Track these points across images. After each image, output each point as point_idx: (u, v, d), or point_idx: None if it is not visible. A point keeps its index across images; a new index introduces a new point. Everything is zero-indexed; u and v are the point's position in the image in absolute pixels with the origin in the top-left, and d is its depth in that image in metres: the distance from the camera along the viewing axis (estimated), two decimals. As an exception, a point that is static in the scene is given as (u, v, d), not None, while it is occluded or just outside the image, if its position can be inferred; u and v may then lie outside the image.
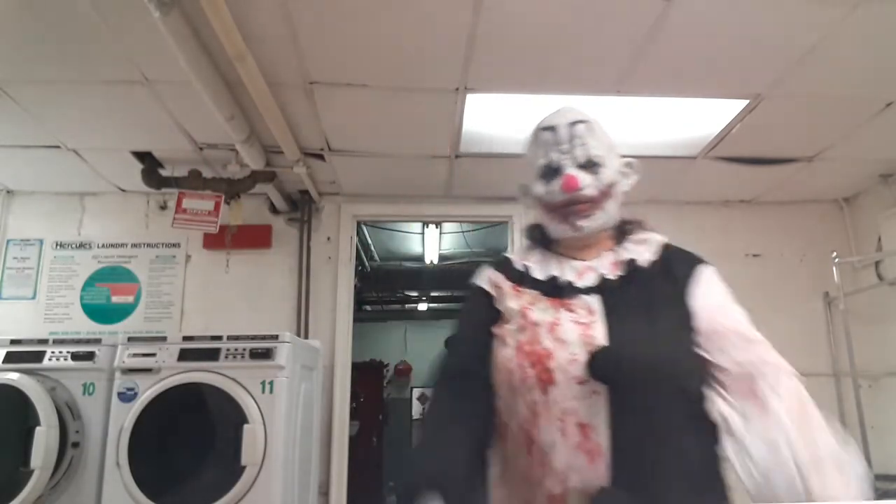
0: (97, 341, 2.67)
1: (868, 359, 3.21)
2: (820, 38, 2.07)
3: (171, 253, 3.37)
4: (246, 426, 2.41)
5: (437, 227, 4.57)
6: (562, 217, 1.15)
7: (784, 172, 3.18)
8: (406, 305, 7.41)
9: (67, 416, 2.49)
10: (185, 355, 2.52)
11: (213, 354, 2.51)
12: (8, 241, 3.35)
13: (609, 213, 1.16)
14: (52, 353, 2.60)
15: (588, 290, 1.08)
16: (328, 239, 3.47)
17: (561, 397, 0.98)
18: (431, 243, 5.04)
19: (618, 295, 1.07)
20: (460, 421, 1.04)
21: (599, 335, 1.01)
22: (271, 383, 2.49)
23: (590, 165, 1.14)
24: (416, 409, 7.91)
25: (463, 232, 4.85)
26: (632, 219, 1.22)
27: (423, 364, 7.95)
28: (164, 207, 3.40)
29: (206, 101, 2.18)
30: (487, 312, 1.15)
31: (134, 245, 3.37)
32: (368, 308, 7.02)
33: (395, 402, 7.56)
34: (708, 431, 0.98)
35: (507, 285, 1.16)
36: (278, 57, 2.15)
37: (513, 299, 1.12)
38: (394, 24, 1.98)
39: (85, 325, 3.24)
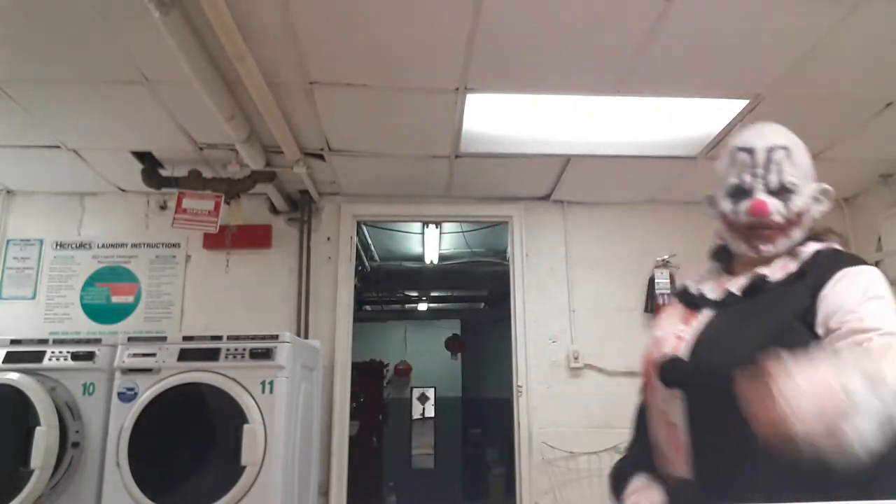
0: (97, 341, 2.67)
1: (868, 359, 3.20)
2: (820, 38, 2.07)
3: (171, 253, 3.37)
4: (246, 426, 2.41)
5: (437, 227, 4.56)
6: (745, 237, 1.17)
7: (784, 172, 3.17)
8: (406, 305, 7.42)
9: (67, 416, 2.49)
10: (185, 355, 2.52)
11: (213, 354, 2.51)
12: (8, 241, 3.35)
13: (793, 239, 1.16)
14: (52, 353, 2.60)
15: (713, 304, 1.16)
16: (328, 239, 3.47)
17: (656, 399, 1.14)
18: (431, 243, 5.04)
19: (731, 309, 1.12)
20: None
21: (684, 347, 1.11)
22: (271, 383, 2.49)
23: (782, 192, 1.14)
24: (416, 409, 7.91)
25: (463, 232, 4.85)
26: (816, 232, 1.20)
27: (423, 364, 7.97)
28: (164, 207, 3.40)
29: (206, 101, 2.18)
30: None
31: (134, 245, 3.37)
32: (368, 308, 7.02)
33: (395, 402, 7.56)
34: None
35: (673, 303, 1.28)
36: (278, 57, 2.15)
37: (666, 314, 1.26)
38: (394, 24, 1.98)
39: (85, 325, 3.24)
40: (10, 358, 2.58)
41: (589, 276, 3.47)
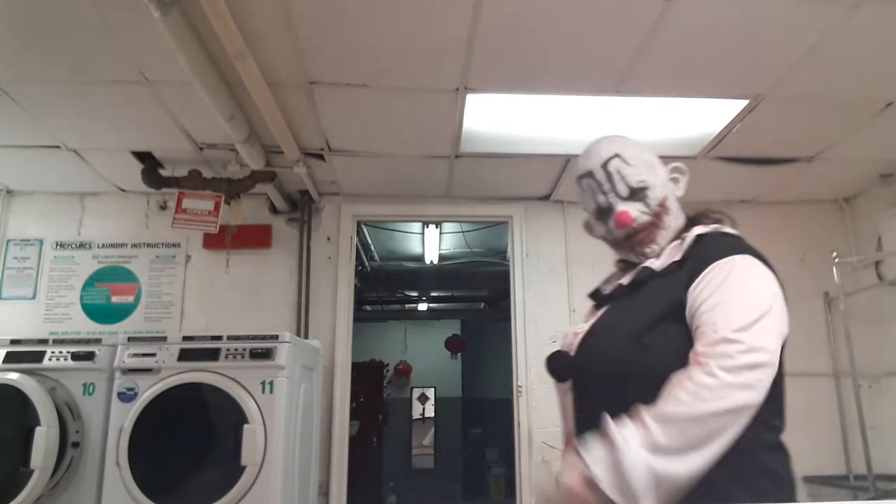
0: (97, 341, 2.67)
1: (868, 359, 3.21)
2: (820, 38, 2.07)
3: (171, 253, 3.37)
4: (246, 426, 2.40)
5: (437, 227, 4.57)
6: (629, 249, 1.22)
7: (784, 172, 3.18)
8: (406, 305, 7.41)
9: (67, 416, 2.49)
10: (185, 355, 2.52)
11: (213, 354, 2.51)
12: (8, 241, 3.35)
13: (671, 227, 1.20)
14: (52, 353, 2.60)
15: (609, 298, 1.23)
16: (328, 239, 3.47)
17: (559, 391, 1.22)
18: (431, 243, 5.04)
19: (619, 302, 1.19)
20: None
21: (578, 341, 1.19)
22: (271, 383, 2.49)
23: (635, 193, 1.18)
24: (416, 408, 7.91)
25: (463, 232, 4.85)
26: (697, 214, 1.23)
27: (423, 364, 7.97)
28: (164, 207, 3.40)
29: (206, 101, 2.18)
30: None
31: (134, 245, 3.37)
32: (368, 308, 7.02)
33: (395, 402, 7.57)
34: None
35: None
36: (278, 57, 2.15)
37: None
38: (394, 24, 1.98)
39: (85, 325, 3.24)
40: (10, 358, 2.58)
41: (589, 276, 3.44)
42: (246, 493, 2.37)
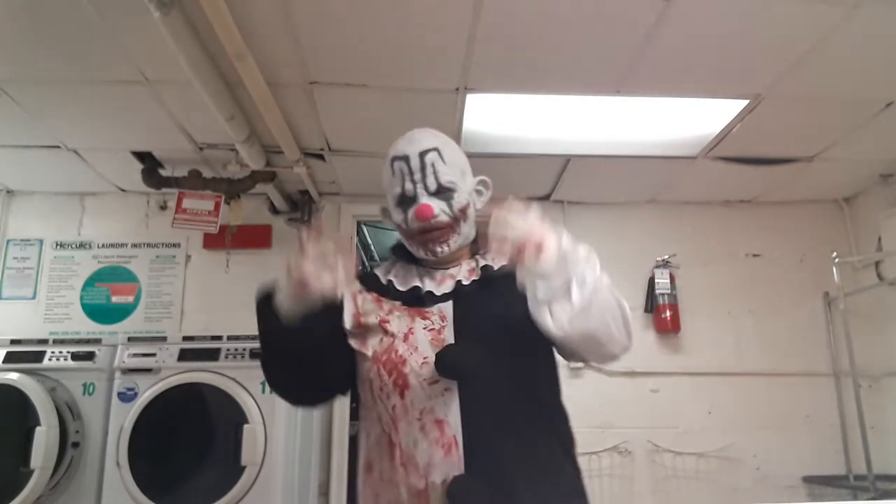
0: (97, 341, 2.67)
1: (868, 359, 3.20)
2: (820, 38, 2.07)
3: (171, 253, 3.37)
4: (246, 426, 2.41)
5: (436, 227, 4.56)
6: (420, 242, 1.19)
7: (784, 172, 3.18)
8: (406, 305, 7.38)
9: (67, 416, 2.49)
10: (185, 355, 2.53)
11: (213, 354, 2.51)
12: (8, 241, 3.35)
13: (464, 235, 1.22)
14: (52, 353, 2.60)
15: (445, 297, 1.15)
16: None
17: (418, 398, 1.06)
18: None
19: (471, 298, 1.14)
20: None
21: (449, 337, 1.10)
22: (271, 383, 2.48)
23: (442, 192, 1.19)
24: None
25: (463, 232, 4.84)
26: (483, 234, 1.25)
27: (423, 364, 7.96)
28: (164, 207, 3.40)
29: (206, 101, 2.18)
30: (339, 316, 1.19)
31: (134, 245, 3.37)
32: (368, 308, 6.98)
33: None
34: (550, 415, 1.14)
35: (368, 297, 1.20)
36: (278, 57, 2.15)
37: (372, 312, 1.17)
38: (394, 24, 1.98)
39: (85, 325, 3.23)
40: (10, 358, 2.58)
41: (589, 276, 3.46)
42: (246, 493, 2.37)
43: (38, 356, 2.59)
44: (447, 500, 1.00)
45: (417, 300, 1.17)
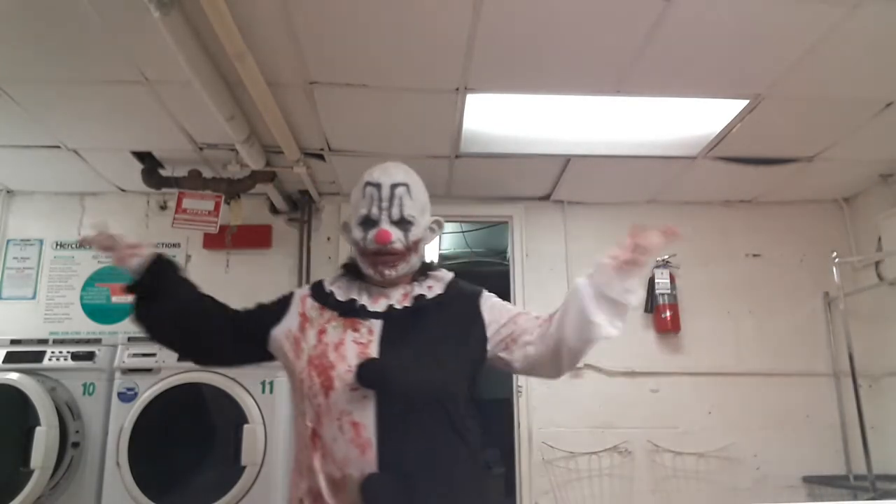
0: (97, 341, 2.67)
1: (868, 359, 3.20)
2: (820, 38, 2.07)
3: (171, 253, 3.34)
4: (246, 426, 2.41)
5: (436, 227, 4.56)
6: (371, 263, 1.34)
7: (784, 172, 3.18)
8: (406, 305, 7.38)
9: (67, 416, 2.49)
10: (185, 355, 2.52)
11: (213, 354, 2.50)
12: (8, 241, 3.35)
13: (411, 265, 1.37)
14: (52, 353, 2.61)
15: (377, 315, 1.30)
16: (328, 239, 3.46)
17: (339, 401, 1.20)
18: (431, 243, 5.03)
19: (399, 320, 1.29)
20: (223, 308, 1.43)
21: (373, 352, 1.24)
22: (271, 383, 2.49)
23: (402, 223, 1.34)
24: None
25: (463, 232, 4.85)
26: (429, 263, 1.45)
27: (423, 364, 7.96)
28: (164, 207, 3.40)
29: (206, 101, 2.18)
30: (277, 308, 1.43)
31: (134, 245, 3.37)
32: (368, 308, 6.98)
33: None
34: (459, 425, 1.25)
35: (315, 304, 1.37)
36: (278, 57, 2.15)
37: (315, 320, 1.33)
38: (394, 24, 1.98)
39: (85, 325, 3.23)
40: (10, 358, 2.59)
41: (589, 276, 3.46)
42: (246, 493, 2.37)
43: (38, 356, 2.59)
44: (360, 495, 1.14)
45: (352, 311, 1.31)
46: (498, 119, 2.64)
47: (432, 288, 1.37)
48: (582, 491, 3.19)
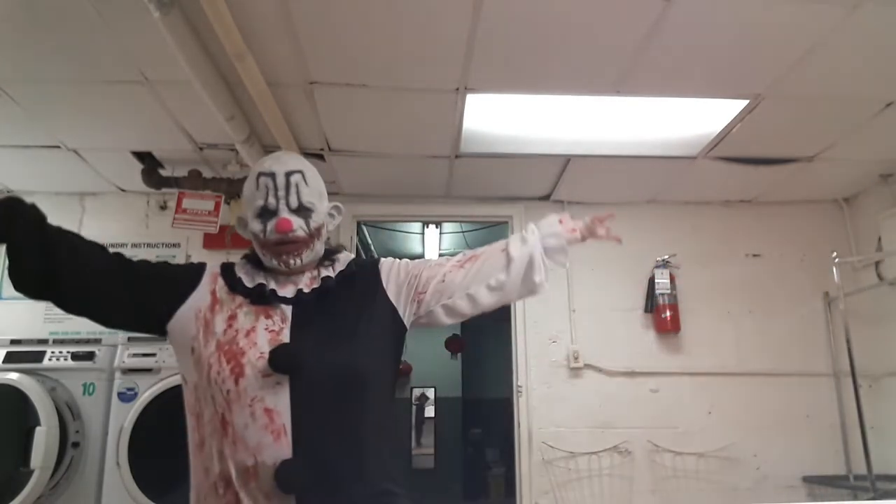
0: (97, 341, 2.67)
1: (868, 359, 3.20)
2: (820, 38, 2.07)
3: (171, 253, 3.37)
4: (246, 426, 2.40)
5: (437, 227, 4.56)
6: (275, 253, 1.31)
7: (784, 172, 3.18)
8: (406, 305, 7.38)
9: (67, 416, 2.49)
10: (185, 355, 2.52)
11: (213, 354, 2.50)
12: (8, 241, 3.34)
13: (316, 251, 1.35)
14: (52, 353, 2.60)
15: (287, 301, 1.28)
16: (328, 239, 3.46)
17: (250, 387, 1.18)
18: (431, 243, 5.04)
19: (309, 305, 1.28)
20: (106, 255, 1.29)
21: (285, 338, 1.22)
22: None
23: (301, 210, 1.32)
24: (416, 409, 7.92)
25: (463, 232, 4.85)
26: (332, 248, 1.44)
27: (422, 364, 7.96)
28: (164, 207, 3.40)
29: (206, 101, 2.18)
30: (185, 283, 1.31)
31: (134, 245, 3.37)
32: (368, 308, 6.98)
33: (395, 402, 7.55)
34: (376, 409, 1.25)
35: (224, 286, 1.32)
36: (278, 57, 2.15)
37: (226, 303, 1.29)
38: (394, 24, 1.98)
39: (85, 325, 3.15)
40: (10, 358, 2.58)
41: (589, 276, 3.46)
42: (246, 493, 2.36)
43: (38, 356, 2.59)
44: (275, 482, 1.13)
45: (262, 298, 1.28)
46: (498, 119, 2.64)
47: (336, 268, 1.37)
48: (582, 491, 3.19)
